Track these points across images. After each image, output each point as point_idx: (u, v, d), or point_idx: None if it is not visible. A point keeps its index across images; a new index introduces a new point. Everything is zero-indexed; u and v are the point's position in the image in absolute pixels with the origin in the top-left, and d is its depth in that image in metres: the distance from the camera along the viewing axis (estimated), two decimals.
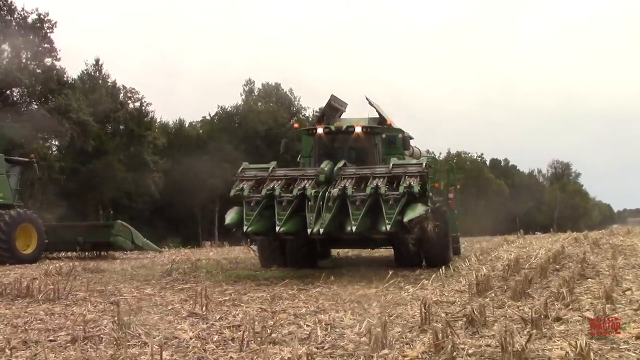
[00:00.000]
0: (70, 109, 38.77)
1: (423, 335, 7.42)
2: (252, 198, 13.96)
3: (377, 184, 13.46)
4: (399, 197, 13.21)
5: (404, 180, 13.52)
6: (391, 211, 13.09)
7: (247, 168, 14.94)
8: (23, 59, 39.60)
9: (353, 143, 16.54)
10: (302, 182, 14.12)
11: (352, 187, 13.54)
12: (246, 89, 71.86)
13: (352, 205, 13.27)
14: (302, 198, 13.76)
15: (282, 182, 14.14)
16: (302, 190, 13.79)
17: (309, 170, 14.71)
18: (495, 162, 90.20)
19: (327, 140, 16.72)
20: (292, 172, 14.68)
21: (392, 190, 13.40)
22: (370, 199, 13.28)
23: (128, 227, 22.99)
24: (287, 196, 13.76)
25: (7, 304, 10.34)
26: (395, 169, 13.99)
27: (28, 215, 20.38)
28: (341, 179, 13.93)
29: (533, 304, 8.97)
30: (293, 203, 13.73)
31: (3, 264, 18.12)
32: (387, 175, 13.84)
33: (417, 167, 14.17)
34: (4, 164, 20.44)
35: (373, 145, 16.66)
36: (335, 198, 13.40)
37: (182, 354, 6.78)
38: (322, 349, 6.93)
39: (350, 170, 14.38)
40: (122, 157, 46.63)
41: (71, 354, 6.78)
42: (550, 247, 19.69)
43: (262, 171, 14.67)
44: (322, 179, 14.05)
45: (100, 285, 13.02)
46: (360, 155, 16.36)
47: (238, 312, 9.51)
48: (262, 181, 14.31)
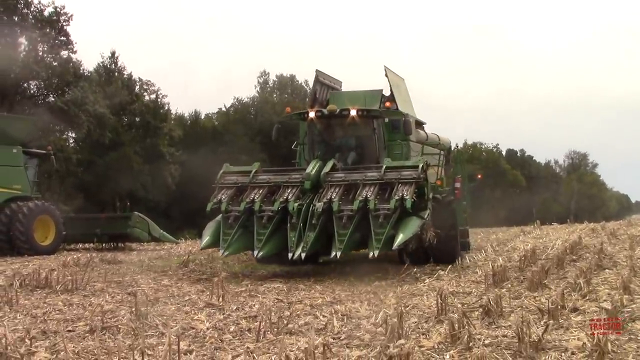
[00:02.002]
0: (86, 102, 38.92)
1: (439, 325, 7.43)
2: (231, 213, 12.90)
3: (367, 195, 12.31)
4: (390, 212, 12.05)
5: (397, 190, 12.38)
6: (381, 230, 11.93)
7: (228, 172, 13.95)
8: (40, 52, 39.78)
9: (349, 128, 15.14)
10: (285, 191, 13.03)
11: (339, 198, 12.43)
12: (261, 80, 71.83)
13: (338, 223, 12.14)
14: (284, 212, 12.71)
15: (264, 191, 13.11)
16: (284, 203, 12.71)
17: (293, 175, 13.54)
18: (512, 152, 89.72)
19: (322, 125, 15.35)
20: (276, 178, 13.58)
21: (383, 203, 12.21)
22: (358, 214, 12.19)
23: (145, 219, 23.07)
24: (268, 210, 12.68)
25: (27, 294, 10.43)
26: (388, 174, 12.84)
27: (46, 207, 20.50)
28: (328, 188, 12.80)
29: (550, 295, 8.94)
30: (274, 219, 12.67)
31: (22, 255, 18.25)
32: (378, 182, 12.70)
33: (412, 171, 12.89)
34: (22, 156, 20.55)
35: (371, 130, 15.08)
36: (320, 214, 12.32)
37: (199, 344, 6.83)
38: (339, 339, 6.96)
39: (339, 175, 13.22)
40: (138, 149, 46.75)
41: (89, 344, 6.85)
42: (567, 238, 19.58)
43: (244, 176, 13.64)
44: (307, 186, 12.95)
45: (117, 277, 13.10)
46: (359, 142, 15.17)
47: (254, 302, 9.56)
48: (243, 189, 13.32)
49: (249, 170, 13.78)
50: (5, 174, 19.79)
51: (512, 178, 79.72)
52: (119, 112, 46.42)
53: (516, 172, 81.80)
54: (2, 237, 19.25)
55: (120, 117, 46.97)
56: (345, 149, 14.83)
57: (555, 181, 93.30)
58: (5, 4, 37.82)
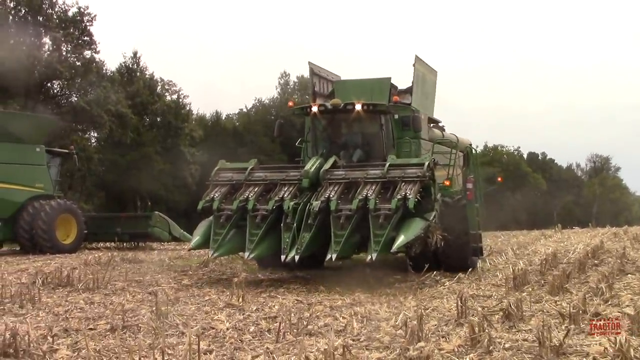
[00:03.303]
0: (108, 101, 39.25)
1: (459, 328, 7.40)
2: (223, 212, 12.06)
3: (367, 194, 11.39)
4: (391, 213, 11.11)
5: (400, 188, 11.44)
6: (380, 231, 10.97)
7: (223, 168, 13.18)
8: (63, 52, 40.16)
9: (355, 123, 14.23)
10: (282, 189, 12.16)
11: (337, 197, 11.52)
12: (281, 81, 71.96)
13: (335, 223, 11.23)
14: (279, 211, 11.83)
15: (259, 189, 12.25)
16: (280, 202, 11.83)
17: (291, 173, 12.72)
18: (533, 155, 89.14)
19: (326, 121, 14.47)
20: (273, 175, 12.72)
21: (384, 202, 11.26)
22: (357, 214, 11.27)
23: (165, 219, 23.20)
24: (262, 209, 11.81)
25: (49, 292, 10.53)
26: (392, 172, 11.91)
27: (68, 205, 20.71)
28: (327, 186, 11.91)
29: (571, 299, 8.88)
30: (268, 219, 11.79)
31: (44, 254, 18.46)
32: (380, 181, 11.77)
33: (417, 169, 11.91)
34: (45, 155, 20.78)
35: (379, 127, 14.10)
36: (317, 214, 11.44)
37: (219, 344, 6.85)
38: (358, 341, 6.95)
39: (339, 173, 12.31)
40: (160, 149, 47.04)
41: (110, 342, 6.89)
42: (589, 242, 19.43)
43: (239, 173, 12.83)
44: (305, 184, 12.08)
45: (138, 276, 13.18)
46: (366, 139, 14.19)
47: (274, 303, 9.58)
48: (238, 187, 12.48)
49: (244, 167, 12.95)
50: (29, 173, 20.04)
51: (533, 181, 79.17)
52: (141, 112, 46.76)
53: (537, 176, 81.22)
54: (25, 235, 19.50)
55: (141, 117, 47.30)
56: (351, 146, 13.92)
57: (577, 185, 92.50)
58: (30, 4, 38.26)
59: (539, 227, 34.66)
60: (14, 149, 19.64)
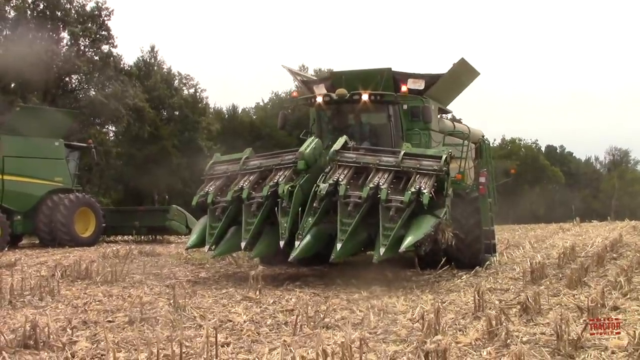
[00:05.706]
0: (126, 95, 39.39)
1: (476, 322, 7.40)
2: (218, 204, 11.45)
3: (379, 182, 10.69)
4: (403, 206, 10.40)
5: (414, 181, 10.70)
6: (390, 225, 10.32)
7: (218, 162, 12.57)
8: (81, 46, 40.35)
9: (362, 115, 13.60)
10: (277, 174, 11.45)
11: (347, 182, 10.75)
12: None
13: (343, 209, 10.51)
14: (275, 198, 11.14)
15: (255, 177, 11.60)
16: (274, 187, 11.10)
17: (286, 157, 11.85)
18: (551, 148, 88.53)
19: (331, 112, 13.81)
20: (268, 161, 11.97)
21: (396, 194, 10.55)
22: (367, 203, 10.55)
23: (183, 212, 23.27)
24: (257, 197, 11.13)
25: (68, 285, 10.62)
26: (407, 162, 11.11)
27: (86, 199, 20.87)
28: (336, 168, 11.11)
29: (589, 293, 8.83)
30: (264, 206, 11.13)
31: (62, 247, 18.62)
32: (394, 169, 11.03)
33: (434, 161, 11.11)
34: (64, 149, 20.93)
35: (386, 118, 13.44)
36: (324, 197, 10.66)
37: (236, 336, 6.88)
38: (375, 334, 6.96)
39: (350, 155, 11.44)
40: (177, 142, 47.16)
41: (129, 334, 6.95)
42: (608, 236, 19.31)
43: (234, 164, 12.16)
44: (301, 167, 11.31)
45: (156, 269, 13.27)
46: (373, 130, 13.61)
47: (291, 296, 9.60)
48: (233, 178, 11.87)
49: (239, 157, 12.28)
50: (48, 167, 20.21)
51: (551, 174, 78.66)
52: (158, 106, 46.87)
53: (555, 169, 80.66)
54: (44, 228, 19.69)
55: (159, 111, 47.42)
56: (358, 138, 13.12)
57: (595, 178, 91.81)
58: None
59: (557, 221, 34.41)
60: (33, 143, 19.80)
